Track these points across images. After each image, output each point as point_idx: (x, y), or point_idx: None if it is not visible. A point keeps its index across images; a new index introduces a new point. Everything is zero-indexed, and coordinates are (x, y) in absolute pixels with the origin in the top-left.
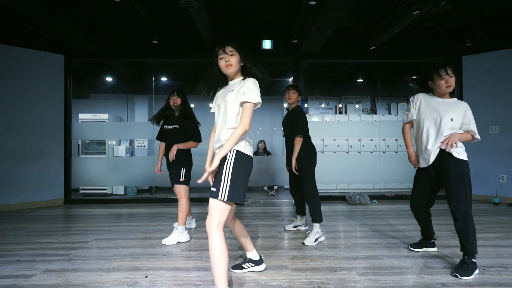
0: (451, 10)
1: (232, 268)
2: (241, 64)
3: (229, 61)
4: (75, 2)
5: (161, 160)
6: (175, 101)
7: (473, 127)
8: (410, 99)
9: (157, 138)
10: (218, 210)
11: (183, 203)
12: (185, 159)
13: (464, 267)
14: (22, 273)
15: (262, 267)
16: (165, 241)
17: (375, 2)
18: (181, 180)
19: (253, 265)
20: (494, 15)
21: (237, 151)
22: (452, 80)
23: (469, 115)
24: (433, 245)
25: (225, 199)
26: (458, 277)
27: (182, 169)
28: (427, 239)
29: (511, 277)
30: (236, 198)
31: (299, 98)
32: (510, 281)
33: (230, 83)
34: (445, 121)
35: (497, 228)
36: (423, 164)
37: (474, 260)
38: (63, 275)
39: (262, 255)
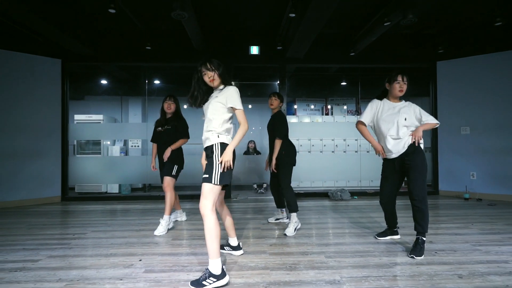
0: (425, 18)
1: None
2: (220, 74)
3: (212, 76)
4: (72, 10)
5: (154, 159)
6: (170, 105)
7: (428, 118)
8: (369, 103)
9: (152, 140)
10: (211, 192)
11: (169, 195)
12: (179, 157)
13: (418, 248)
14: (29, 258)
15: (239, 252)
16: (156, 232)
17: (352, 12)
18: (172, 174)
19: (231, 249)
20: (462, 24)
21: (221, 143)
22: (404, 87)
23: (418, 111)
24: (396, 233)
25: (217, 183)
26: (414, 258)
27: (175, 166)
28: (391, 227)
29: (456, 258)
30: (224, 181)
31: (281, 104)
32: (455, 261)
33: (214, 91)
34: (401, 121)
35: (459, 220)
36: (394, 155)
37: (424, 239)
38: (66, 260)
39: (241, 242)
